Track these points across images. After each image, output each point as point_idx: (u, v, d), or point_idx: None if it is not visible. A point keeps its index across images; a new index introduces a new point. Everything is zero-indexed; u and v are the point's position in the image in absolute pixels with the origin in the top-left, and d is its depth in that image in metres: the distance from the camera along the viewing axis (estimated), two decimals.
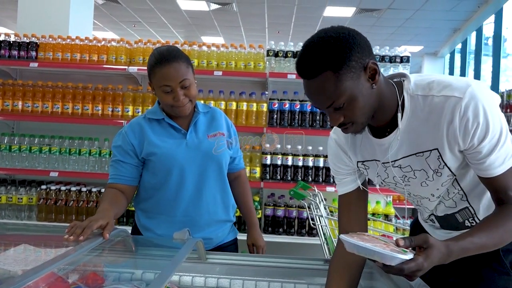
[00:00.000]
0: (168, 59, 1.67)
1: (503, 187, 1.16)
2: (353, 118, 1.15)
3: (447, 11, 8.85)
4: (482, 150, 1.13)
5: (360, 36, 1.14)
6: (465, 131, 1.13)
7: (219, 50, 3.27)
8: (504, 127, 1.13)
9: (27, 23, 4.10)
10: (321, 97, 1.13)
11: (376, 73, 1.13)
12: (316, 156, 3.16)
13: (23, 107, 3.24)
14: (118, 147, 1.79)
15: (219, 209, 1.86)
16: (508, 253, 1.27)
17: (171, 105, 1.71)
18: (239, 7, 9.26)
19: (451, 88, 1.14)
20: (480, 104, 1.10)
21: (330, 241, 2.18)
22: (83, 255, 1.25)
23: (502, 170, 1.15)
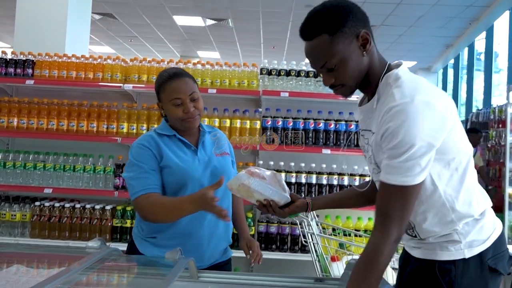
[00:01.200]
0: (177, 75, 1.81)
1: (380, 200, 1.23)
2: (342, 80, 1.29)
3: (439, 27, 9.01)
4: (388, 152, 1.20)
5: (358, 8, 1.29)
6: (380, 129, 1.22)
7: (213, 68, 3.33)
8: (417, 149, 1.16)
9: (24, 39, 4.15)
10: (316, 57, 1.28)
11: (368, 43, 1.26)
12: (309, 173, 3.19)
13: (18, 124, 3.27)
14: (138, 156, 1.78)
15: (220, 226, 1.88)
16: (445, 272, 1.29)
17: (182, 119, 1.79)
18: (234, 23, 9.38)
19: (399, 91, 1.22)
20: (404, 116, 1.16)
21: (322, 258, 2.20)
22: (77, 275, 1.27)
23: (385, 180, 1.21)
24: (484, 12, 8.07)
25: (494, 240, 1.32)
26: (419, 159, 1.17)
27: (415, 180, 1.18)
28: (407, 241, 1.46)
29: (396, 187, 1.19)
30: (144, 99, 3.48)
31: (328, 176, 3.19)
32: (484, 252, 1.30)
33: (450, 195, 1.29)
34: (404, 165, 1.17)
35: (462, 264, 1.28)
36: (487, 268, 1.29)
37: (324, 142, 3.20)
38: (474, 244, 1.29)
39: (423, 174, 1.19)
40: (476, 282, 1.29)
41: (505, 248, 1.36)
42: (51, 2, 4.30)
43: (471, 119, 7.87)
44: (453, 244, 1.29)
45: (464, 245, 1.29)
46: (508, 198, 4.81)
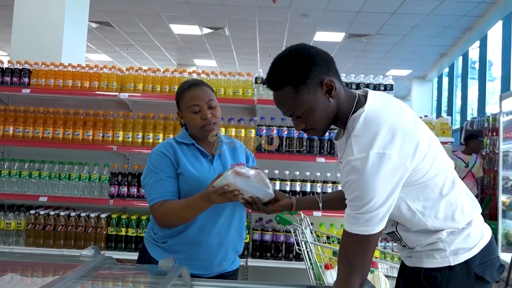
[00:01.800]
0: (195, 84, 1.87)
1: (342, 246, 1.29)
2: (312, 125, 1.35)
3: (433, 37, 9.10)
4: (348, 203, 1.26)
5: (320, 55, 1.30)
6: (342, 178, 1.28)
7: (209, 77, 3.36)
8: (376, 201, 1.20)
9: (21, 47, 4.18)
10: (284, 107, 1.34)
11: (332, 89, 1.29)
12: (303, 181, 3.22)
13: (14, 132, 3.28)
14: (156, 162, 1.83)
15: (231, 235, 1.89)
16: (431, 279, 1.32)
17: (200, 125, 1.84)
18: (231, 32, 9.45)
19: (356, 143, 1.24)
20: (361, 172, 1.20)
21: (316, 266, 2.21)
22: (71, 283, 1.28)
23: (346, 228, 1.27)
24: (478, 21, 8.17)
25: (481, 248, 1.34)
26: (377, 210, 1.22)
27: (374, 229, 1.23)
28: (401, 251, 1.49)
29: (356, 236, 1.24)
30: (140, 108, 3.50)
31: (322, 185, 3.21)
32: (470, 260, 1.31)
33: (429, 215, 1.32)
34: (363, 216, 1.22)
35: (447, 272, 1.30)
36: (473, 275, 1.31)
37: (318, 151, 3.23)
38: (459, 252, 1.32)
39: (382, 223, 1.24)
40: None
41: (494, 256, 1.37)
42: (48, 10, 4.33)
43: (466, 127, 7.93)
44: (438, 252, 1.32)
45: (449, 253, 1.31)
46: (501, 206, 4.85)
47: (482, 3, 7.28)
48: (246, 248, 3.18)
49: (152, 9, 8.19)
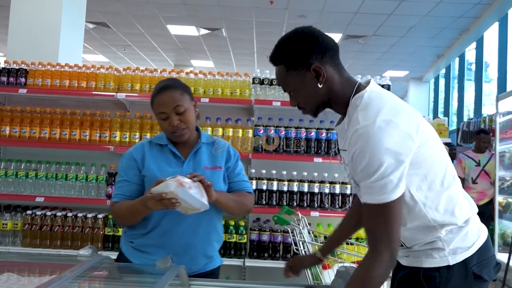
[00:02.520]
0: (163, 88, 1.81)
1: (364, 222, 1.28)
2: (301, 104, 1.42)
3: (430, 38, 9.14)
4: (360, 174, 1.25)
5: (315, 39, 1.34)
6: (350, 151, 1.29)
7: (206, 77, 3.35)
8: (386, 167, 1.20)
9: (18, 47, 4.16)
10: (278, 82, 1.44)
11: (321, 75, 1.34)
12: (301, 181, 3.22)
13: (10, 132, 3.26)
14: (123, 164, 1.89)
15: (198, 241, 1.84)
16: (429, 279, 1.32)
17: (169, 132, 1.82)
18: (228, 32, 9.46)
19: (362, 113, 1.28)
20: (367, 138, 1.22)
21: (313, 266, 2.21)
22: (67, 283, 1.28)
23: (364, 200, 1.26)
24: (474, 23, 8.21)
25: (479, 247, 1.34)
26: (389, 176, 1.21)
27: (391, 197, 1.21)
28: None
29: (375, 206, 1.23)
30: (137, 108, 3.50)
31: (320, 185, 3.22)
32: (468, 259, 1.32)
33: (430, 207, 1.32)
34: (376, 184, 1.21)
35: (446, 271, 1.30)
36: (471, 274, 1.31)
37: (315, 151, 3.23)
38: (458, 251, 1.32)
39: (398, 190, 1.22)
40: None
41: (490, 255, 1.38)
42: (45, 10, 4.32)
43: (462, 128, 7.96)
44: (437, 251, 1.31)
45: (448, 252, 1.31)
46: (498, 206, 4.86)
47: (478, 5, 7.31)
48: (243, 248, 3.18)
49: (149, 9, 8.18)
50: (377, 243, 1.23)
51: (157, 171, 1.82)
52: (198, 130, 1.98)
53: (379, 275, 1.22)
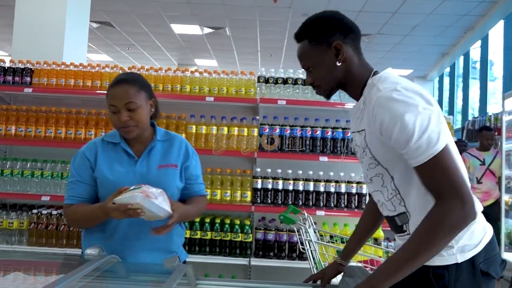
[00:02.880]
0: (119, 81, 1.76)
1: (424, 183, 1.26)
2: (318, 82, 1.45)
3: (434, 36, 9.09)
4: (399, 141, 1.24)
5: (341, 21, 1.42)
6: (374, 124, 1.29)
7: (211, 76, 3.35)
8: (420, 121, 1.21)
9: (23, 47, 4.16)
10: (299, 58, 1.47)
11: (340, 53, 1.39)
12: (307, 180, 3.21)
13: (16, 132, 3.27)
14: (76, 164, 1.82)
15: (158, 238, 1.76)
16: (438, 277, 1.30)
17: (117, 127, 1.76)
18: (231, 31, 9.45)
19: (382, 84, 1.32)
20: (392, 101, 1.24)
21: (320, 265, 2.20)
22: (75, 282, 1.27)
23: (417, 163, 1.24)
24: (479, 21, 8.16)
25: (485, 244, 1.34)
26: (428, 127, 1.21)
27: (440, 145, 1.22)
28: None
29: (428, 162, 1.22)
30: None
31: (326, 184, 3.21)
32: (475, 257, 1.31)
33: None
34: (422, 141, 1.21)
35: (455, 269, 1.29)
36: (479, 272, 1.30)
37: (321, 150, 3.22)
38: (466, 248, 1.31)
39: (442, 136, 1.22)
40: (469, 286, 1.30)
41: (496, 252, 1.38)
42: (50, 10, 4.32)
43: (467, 127, 7.93)
44: (446, 249, 1.29)
45: (456, 249, 1.30)
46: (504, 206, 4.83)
47: (483, 3, 7.27)
48: (249, 247, 3.17)
49: (153, 9, 8.18)
50: (443, 194, 1.21)
51: (108, 173, 1.78)
52: (154, 126, 1.90)
53: (447, 228, 1.19)
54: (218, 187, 3.19)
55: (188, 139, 3.16)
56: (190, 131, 3.21)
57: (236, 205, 3.17)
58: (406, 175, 1.33)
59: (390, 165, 1.35)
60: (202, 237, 3.16)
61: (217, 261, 3.14)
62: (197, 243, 3.16)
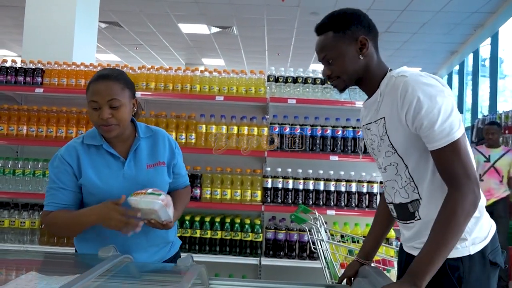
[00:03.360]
0: (103, 77, 1.65)
1: (440, 166, 1.33)
2: (338, 73, 1.46)
3: (443, 34, 9.02)
4: (423, 122, 1.30)
5: (366, 18, 1.47)
6: (403, 104, 1.33)
7: (220, 75, 3.35)
8: (445, 106, 1.29)
9: (33, 47, 4.19)
10: (320, 49, 1.48)
11: (365, 47, 1.43)
12: (317, 180, 3.19)
13: (27, 132, 3.29)
14: (55, 169, 1.71)
15: (158, 235, 1.78)
16: (453, 269, 1.36)
17: (97, 124, 1.66)
18: (239, 30, 9.44)
19: (407, 72, 1.39)
20: (418, 83, 1.32)
21: (331, 265, 2.19)
22: (91, 282, 1.27)
23: (436, 147, 1.31)
24: (489, 18, 8.08)
25: (492, 236, 1.42)
26: (452, 113, 1.29)
27: (459, 132, 1.30)
28: (409, 241, 1.49)
29: (446, 147, 1.29)
30: (152, 107, 3.50)
31: (336, 183, 3.19)
32: (485, 248, 1.39)
33: None
34: (446, 125, 1.28)
35: (468, 261, 1.36)
36: (488, 262, 1.38)
37: (331, 149, 3.21)
38: (476, 240, 1.38)
39: (461, 125, 1.31)
40: (481, 276, 1.37)
41: (498, 243, 1.46)
42: (59, 10, 4.34)
43: (477, 125, 7.85)
44: (459, 242, 1.35)
45: (469, 242, 1.37)
46: None
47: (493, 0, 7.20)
48: (259, 247, 3.17)
49: (160, 8, 8.20)
50: (458, 179, 1.28)
51: (95, 179, 1.68)
52: (134, 122, 1.81)
53: (466, 210, 1.27)
54: (228, 187, 3.19)
55: (198, 139, 3.19)
56: (200, 130, 3.21)
57: (246, 205, 3.17)
58: (421, 163, 1.39)
59: (406, 153, 1.40)
60: (212, 236, 3.16)
61: (227, 261, 3.14)
62: (207, 243, 3.16)
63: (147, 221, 1.62)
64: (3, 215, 3.20)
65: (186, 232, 3.15)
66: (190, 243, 3.16)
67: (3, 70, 3.38)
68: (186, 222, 3.17)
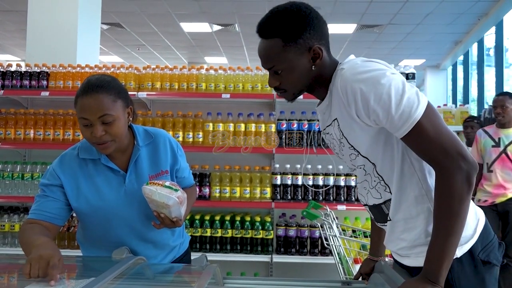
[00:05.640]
0: (91, 89, 1.48)
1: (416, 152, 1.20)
2: (286, 86, 1.31)
3: (447, 24, 8.95)
4: (377, 112, 1.17)
5: (318, 19, 1.28)
6: (348, 101, 1.20)
7: (226, 73, 3.33)
8: (394, 86, 1.15)
9: (36, 51, 4.19)
10: (266, 58, 1.30)
11: (319, 58, 1.27)
12: (326, 175, 3.17)
13: (34, 135, 3.29)
14: (46, 181, 1.61)
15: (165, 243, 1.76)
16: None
17: (91, 142, 1.53)
18: (241, 27, 9.41)
19: (343, 65, 1.26)
20: (355, 74, 1.18)
21: (345, 260, 2.18)
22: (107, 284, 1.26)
23: (403, 133, 1.17)
24: (493, 7, 8.00)
25: (480, 232, 1.28)
26: (405, 90, 1.16)
27: (422, 106, 1.15)
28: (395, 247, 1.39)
29: (412, 131, 1.15)
30: (158, 107, 3.49)
31: (346, 178, 3.17)
32: (473, 247, 1.25)
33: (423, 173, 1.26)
34: (401, 108, 1.15)
35: (456, 265, 1.22)
36: (480, 262, 1.25)
37: None
38: (462, 241, 1.22)
39: (422, 96, 1.16)
40: (473, 280, 1.24)
41: (492, 237, 1.31)
42: (62, 13, 4.34)
43: (484, 115, 7.78)
44: None
45: None
46: None
47: None
48: (270, 244, 3.15)
49: (162, 8, 8.18)
50: (437, 161, 1.15)
51: (96, 200, 1.59)
52: (131, 128, 1.68)
53: (457, 192, 1.13)
54: (237, 185, 3.17)
55: (205, 138, 3.18)
56: (207, 129, 3.20)
57: (255, 202, 3.16)
58: (386, 159, 1.28)
59: (369, 152, 1.29)
60: (222, 235, 3.15)
61: (239, 259, 3.13)
62: (218, 242, 3.16)
63: (157, 213, 1.56)
64: (14, 220, 3.21)
65: (197, 232, 3.14)
66: (201, 242, 3.15)
67: (9, 74, 3.38)
68: (196, 221, 3.16)
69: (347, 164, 1.44)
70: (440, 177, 1.16)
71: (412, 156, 1.26)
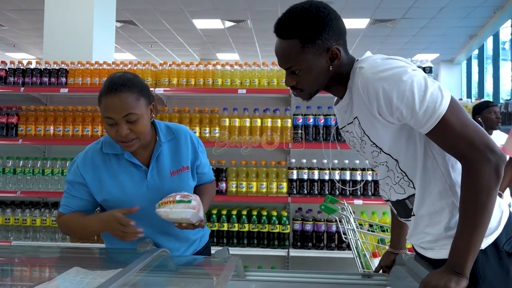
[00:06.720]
0: (115, 89, 1.51)
1: (442, 147, 1.20)
2: (303, 86, 1.32)
3: (462, 18, 8.83)
4: (401, 110, 1.17)
5: (337, 20, 1.28)
6: (370, 100, 1.21)
7: (242, 68, 3.34)
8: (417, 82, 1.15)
9: (53, 49, 4.25)
10: (284, 58, 1.30)
11: (337, 58, 1.28)
12: (343, 170, 3.18)
13: (54, 132, 3.35)
14: (70, 178, 1.68)
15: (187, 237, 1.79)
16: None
17: (116, 140, 1.57)
18: (253, 24, 9.40)
19: (363, 63, 1.26)
20: (376, 73, 1.19)
21: (363, 254, 2.18)
22: (133, 276, 1.29)
23: (428, 129, 1.18)
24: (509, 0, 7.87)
25: (504, 223, 1.27)
26: (428, 86, 1.16)
27: (446, 101, 1.16)
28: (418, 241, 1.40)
29: (437, 127, 1.16)
30: (175, 102, 3.52)
31: (362, 172, 3.17)
32: (498, 239, 1.25)
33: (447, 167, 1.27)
34: (425, 104, 1.15)
35: (480, 256, 1.22)
36: (505, 254, 1.25)
37: None
38: (487, 233, 1.21)
39: (445, 91, 1.17)
40: (498, 271, 1.24)
41: None
42: (78, 11, 4.39)
43: (500, 110, 7.69)
44: None
45: None
46: None
47: None
48: (287, 238, 3.17)
49: (174, 5, 8.21)
50: (464, 155, 1.15)
51: (118, 193, 1.64)
52: (154, 124, 1.71)
53: (485, 185, 1.13)
54: (253, 180, 3.19)
55: (221, 133, 3.20)
56: (223, 124, 3.22)
57: (272, 197, 3.17)
58: (409, 154, 1.28)
59: (392, 149, 1.30)
60: (239, 229, 3.17)
61: (256, 253, 3.15)
62: (235, 236, 3.18)
63: (178, 224, 1.58)
64: (35, 214, 3.27)
65: (214, 226, 3.18)
66: (218, 237, 3.18)
67: (28, 72, 3.43)
68: (213, 216, 3.19)
69: (368, 161, 1.44)
70: (467, 170, 1.16)
71: (435, 151, 1.27)
